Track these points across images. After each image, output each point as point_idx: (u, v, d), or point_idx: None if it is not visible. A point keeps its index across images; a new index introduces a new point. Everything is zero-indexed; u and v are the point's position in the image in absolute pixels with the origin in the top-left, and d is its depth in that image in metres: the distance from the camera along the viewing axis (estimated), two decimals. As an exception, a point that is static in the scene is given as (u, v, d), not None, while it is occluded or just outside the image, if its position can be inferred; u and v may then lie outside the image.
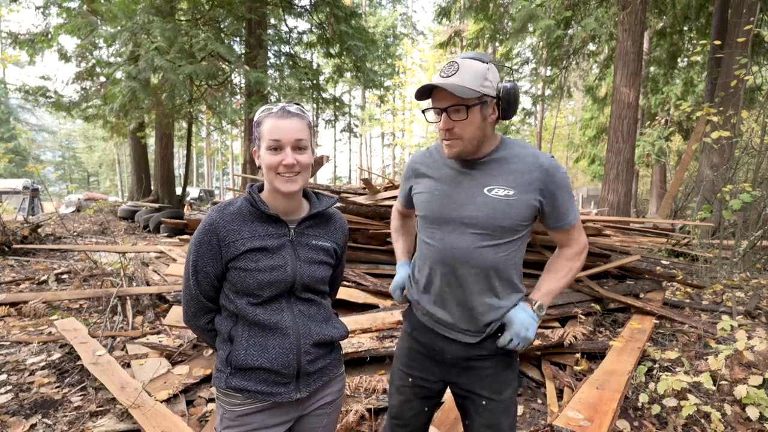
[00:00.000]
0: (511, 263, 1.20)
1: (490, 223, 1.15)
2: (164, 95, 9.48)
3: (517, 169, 1.16)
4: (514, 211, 1.14)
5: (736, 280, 4.87)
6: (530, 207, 1.16)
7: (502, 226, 1.15)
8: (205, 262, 1.07)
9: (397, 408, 1.36)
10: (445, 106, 1.10)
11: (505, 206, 1.14)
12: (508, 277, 1.20)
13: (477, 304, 1.19)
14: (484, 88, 1.08)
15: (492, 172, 1.17)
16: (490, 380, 1.23)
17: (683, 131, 15.30)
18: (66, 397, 2.45)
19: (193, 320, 1.14)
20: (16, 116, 36.67)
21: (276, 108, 1.05)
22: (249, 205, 1.09)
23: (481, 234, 1.16)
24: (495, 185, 1.15)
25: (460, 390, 1.28)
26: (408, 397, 1.34)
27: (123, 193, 36.69)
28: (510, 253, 1.19)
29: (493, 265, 1.17)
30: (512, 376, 1.25)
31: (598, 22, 8.84)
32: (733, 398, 2.32)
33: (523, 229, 1.19)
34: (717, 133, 5.13)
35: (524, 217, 1.16)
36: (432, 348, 1.28)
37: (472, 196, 1.17)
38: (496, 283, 1.19)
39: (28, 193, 13.90)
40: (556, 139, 29.35)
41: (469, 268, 1.17)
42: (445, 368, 1.28)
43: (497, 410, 1.22)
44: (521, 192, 1.14)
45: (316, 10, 11.25)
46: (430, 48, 30.27)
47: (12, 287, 4.75)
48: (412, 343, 1.34)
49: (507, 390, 1.24)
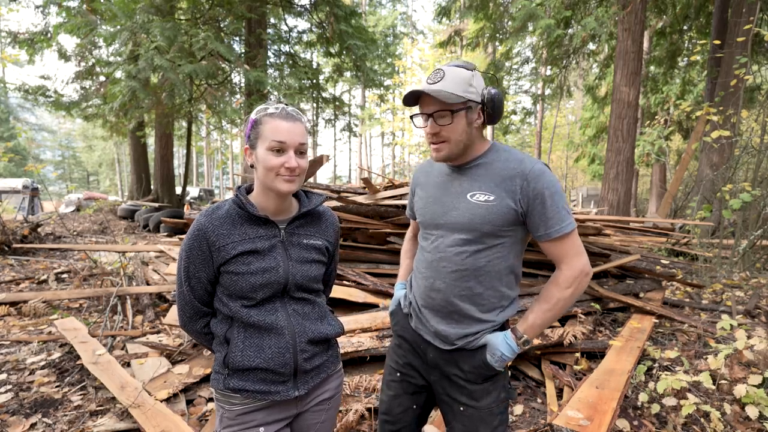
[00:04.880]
0: (494, 270, 1.18)
1: (472, 228, 1.16)
2: (164, 94, 9.47)
3: (500, 175, 1.16)
4: (493, 216, 1.14)
5: (735, 280, 4.87)
6: (510, 213, 1.13)
7: (483, 232, 1.15)
8: (197, 267, 1.07)
9: (387, 404, 1.38)
10: (431, 112, 1.14)
11: (485, 211, 1.14)
12: (491, 285, 1.19)
13: (457, 309, 1.20)
14: (468, 93, 1.12)
15: (476, 177, 1.19)
16: (468, 389, 1.21)
17: (683, 131, 15.30)
18: (66, 396, 2.45)
19: (189, 325, 1.14)
20: (15, 115, 36.65)
21: (275, 109, 1.04)
22: (237, 208, 1.08)
23: (464, 239, 1.17)
24: (477, 190, 1.17)
25: (439, 392, 1.28)
26: (397, 392, 1.36)
27: (123, 192, 36.68)
28: (492, 259, 1.17)
29: (472, 269, 1.17)
30: (493, 386, 1.21)
31: (598, 22, 8.83)
32: (733, 397, 2.32)
33: (506, 234, 1.16)
34: (717, 133, 5.13)
35: (504, 222, 1.14)
36: (418, 346, 1.31)
37: (458, 200, 1.19)
38: (478, 289, 1.19)
39: (28, 193, 13.88)
40: (556, 139, 29.32)
41: (450, 272, 1.19)
42: (427, 369, 1.30)
43: (474, 417, 1.21)
44: (501, 197, 1.14)
45: (315, 10, 11.23)
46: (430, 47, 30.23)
47: (12, 287, 4.76)
48: (400, 340, 1.38)
49: (485, 398, 1.21)
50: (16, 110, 36.37)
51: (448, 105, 1.11)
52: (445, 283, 1.20)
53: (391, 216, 3.73)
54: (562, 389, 2.55)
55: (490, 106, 1.15)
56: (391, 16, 31.81)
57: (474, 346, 1.20)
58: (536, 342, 2.78)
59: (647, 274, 4.32)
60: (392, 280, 3.61)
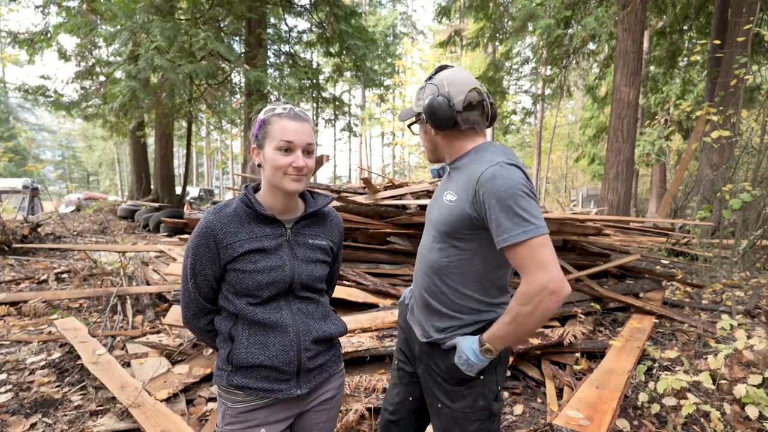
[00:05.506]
0: (457, 272, 1.17)
1: (438, 226, 1.21)
2: (164, 94, 9.48)
3: (467, 176, 1.13)
4: (451, 218, 1.15)
5: (735, 280, 4.87)
6: (465, 216, 1.11)
7: (442, 231, 1.19)
8: (204, 264, 1.07)
9: (388, 393, 1.46)
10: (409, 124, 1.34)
11: (447, 212, 1.17)
12: (454, 286, 1.18)
13: (426, 302, 1.25)
14: (417, 107, 1.26)
15: (453, 177, 1.23)
16: (444, 387, 1.21)
17: (683, 131, 15.30)
18: (66, 396, 2.45)
19: (193, 322, 1.14)
20: (15, 115, 36.65)
21: (283, 109, 1.06)
22: (245, 207, 1.09)
23: (434, 236, 1.23)
24: (449, 190, 1.20)
25: (423, 385, 1.31)
26: (395, 381, 1.43)
27: (123, 192, 36.68)
28: (454, 260, 1.16)
29: (437, 267, 1.21)
30: (468, 391, 1.18)
31: (598, 22, 8.83)
32: (733, 397, 2.32)
33: (466, 237, 1.13)
34: (717, 133, 5.13)
35: (460, 225, 1.12)
36: (409, 336, 1.37)
37: (439, 199, 1.26)
38: (442, 288, 1.20)
39: (28, 193, 13.89)
40: (556, 139, 29.32)
41: (422, 267, 1.28)
42: (414, 360, 1.35)
43: (448, 417, 1.21)
44: (461, 200, 1.12)
45: (315, 9, 11.23)
46: (430, 47, 30.24)
47: (12, 286, 4.76)
48: (399, 329, 1.47)
49: (459, 401, 1.19)
50: (16, 110, 36.36)
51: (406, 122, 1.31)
52: (420, 277, 1.29)
53: (391, 216, 3.73)
54: (562, 389, 2.55)
55: (426, 115, 1.19)
56: (391, 16, 31.80)
57: (446, 346, 1.20)
58: (536, 342, 2.78)
59: (647, 274, 4.32)
60: (392, 280, 3.61)
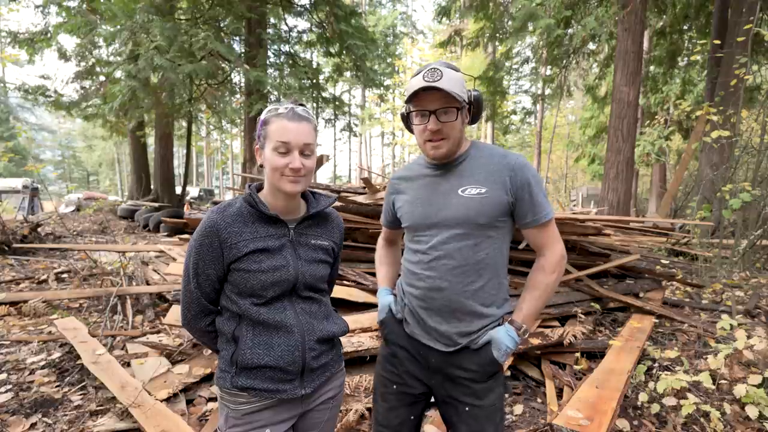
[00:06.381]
0: (492, 262, 1.21)
1: (468, 222, 1.18)
2: (164, 94, 9.48)
3: (488, 169, 1.20)
4: (487, 208, 1.17)
5: (735, 279, 4.87)
6: (502, 203, 1.18)
7: (479, 224, 1.18)
8: (207, 264, 1.06)
9: (383, 415, 1.34)
10: (434, 108, 1.14)
11: (478, 204, 1.17)
12: (490, 277, 1.21)
13: (460, 307, 1.20)
14: (464, 93, 1.17)
15: (465, 173, 1.22)
16: (472, 388, 1.21)
17: (683, 130, 15.29)
18: (66, 396, 2.45)
19: (194, 323, 1.13)
20: (15, 115, 36.60)
21: (284, 109, 1.05)
22: (249, 206, 1.09)
23: (460, 234, 1.19)
24: (468, 185, 1.20)
25: (442, 395, 1.27)
26: (393, 405, 1.33)
27: (123, 192, 36.67)
28: (490, 252, 1.20)
29: (474, 264, 1.19)
30: (495, 383, 1.23)
31: (598, 22, 8.83)
32: (733, 397, 2.32)
33: (500, 225, 1.21)
34: (717, 133, 5.14)
35: (498, 213, 1.18)
36: (417, 353, 1.29)
37: (449, 197, 1.21)
38: (479, 283, 1.20)
39: (28, 193, 13.89)
40: (556, 139, 29.30)
41: (452, 269, 1.19)
42: (428, 374, 1.28)
43: (480, 416, 1.21)
44: (492, 189, 1.18)
45: (315, 9, 11.23)
46: (430, 47, 30.27)
47: (12, 286, 4.75)
48: (395, 348, 1.33)
49: (490, 396, 1.21)
50: (16, 110, 36.32)
51: (454, 102, 1.14)
52: (448, 281, 1.19)
53: (391, 216, 3.72)
54: (562, 389, 2.55)
55: (475, 106, 1.23)
56: (391, 16, 31.80)
57: (478, 345, 1.21)
58: (536, 342, 2.78)
59: (647, 273, 4.32)
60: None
